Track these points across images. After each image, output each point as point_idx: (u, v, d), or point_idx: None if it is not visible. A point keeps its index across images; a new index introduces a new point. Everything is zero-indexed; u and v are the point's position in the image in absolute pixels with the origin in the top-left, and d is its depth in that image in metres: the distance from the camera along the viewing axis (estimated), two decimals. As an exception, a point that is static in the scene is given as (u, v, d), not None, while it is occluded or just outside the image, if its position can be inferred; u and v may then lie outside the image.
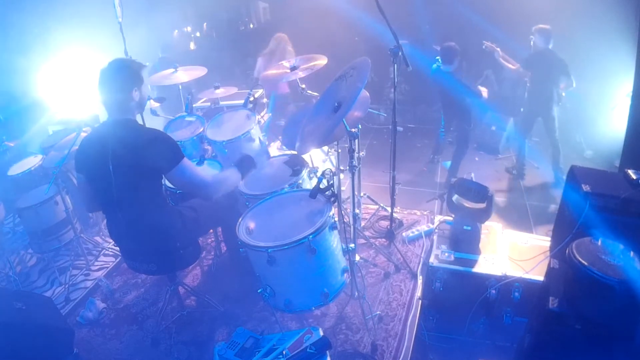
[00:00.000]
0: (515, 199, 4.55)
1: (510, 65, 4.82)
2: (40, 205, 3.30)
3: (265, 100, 4.98)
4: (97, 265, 3.66)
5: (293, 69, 3.36)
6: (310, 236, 2.13)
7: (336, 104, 2.30)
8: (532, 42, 4.71)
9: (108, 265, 3.64)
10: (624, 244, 1.98)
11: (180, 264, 2.67)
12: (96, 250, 3.84)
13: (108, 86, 2.21)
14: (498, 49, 4.86)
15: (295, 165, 2.83)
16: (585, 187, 2.28)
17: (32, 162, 3.80)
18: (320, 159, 3.56)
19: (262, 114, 4.86)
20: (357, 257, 2.96)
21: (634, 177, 2.32)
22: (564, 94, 4.58)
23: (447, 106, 4.92)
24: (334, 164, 3.28)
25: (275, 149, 3.81)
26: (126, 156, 2.17)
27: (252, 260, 2.31)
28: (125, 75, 2.24)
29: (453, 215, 3.05)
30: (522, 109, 5.40)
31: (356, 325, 2.81)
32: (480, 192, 2.89)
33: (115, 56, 2.34)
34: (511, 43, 4.93)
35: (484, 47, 4.94)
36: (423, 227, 3.71)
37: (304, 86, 3.39)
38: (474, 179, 3.04)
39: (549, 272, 2.29)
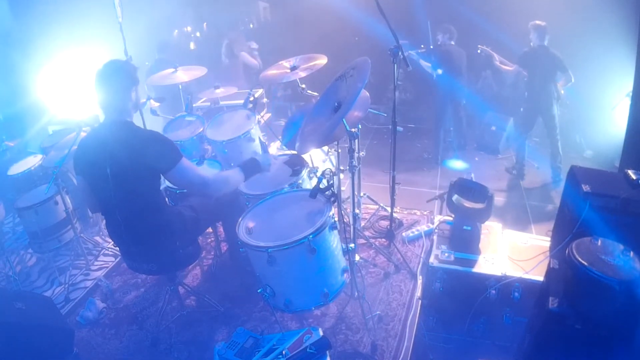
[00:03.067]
0: (515, 199, 4.55)
1: (507, 68, 4.77)
2: (40, 205, 3.30)
3: (265, 100, 4.98)
4: (96, 265, 3.66)
5: (293, 69, 3.36)
6: (310, 236, 2.13)
7: (336, 104, 2.30)
8: (531, 43, 4.70)
9: (108, 265, 3.64)
10: (624, 244, 1.98)
11: (180, 264, 2.68)
12: (96, 250, 3.84)
13: (105, 88, 2.22)
14: (494, 54, 4.82)
15: (295, 165, 2.83)
16: (585, 187, 2.28)
17: (32, 162, 3.80)
18: (320, 159, 3.56)
19: (262, 113, 4.87)
20: (357, 257, 2.96)
21: (634, 177, 2.32)
22: (562, 92, 4.55)
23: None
24: (334, 164, 3.28)
25: (275, 149, 3.81)
26: (124, 158, 2.17)
27: (252, 260, 2.31)
28: (121, 76, 2.24)
29: (453, 215, 3.05)
30: (521, 109, 5.40)
31: (356, 325, 2.81)
32: (480, 192, 2.89)
33: (115, 56, 2.35)
34: (512, 43, 4.92)
35: (479, 51, 4.90)
36: (423, 227, 3.71)
37: (304, 86, 3.39)
38: (474, 179, 3.04)
39: (549, 272, 2.29)
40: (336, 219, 2.34)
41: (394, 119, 3.09)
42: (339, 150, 3.07)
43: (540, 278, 2.48)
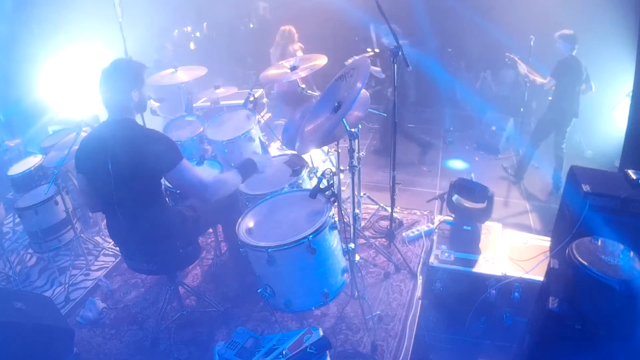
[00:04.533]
0: (516, 199, 4.55)
1: (541, 80, 4.55)
2: (40, 205, 3.30)
3: (265, 100, 4.98)
4: (97, 265, 3.66)
5: (293, 69, 3.36)
6: (310, 236, 2.12)
7: (336, 104, 2.30)
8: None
9: (108, 265, 3.64)
10: (624, 244, 1.98)
11: (180, 264, 2.68)
12: (96, 250, 3.84)
13: (109, 86, 2.22)
14: (522, 63, 4.66)
15: (295, 165, 2.83)
16: (585, 187, 2.28)
17: (32, 162, 3.80)
18: (320, 159, 3.56)
19: (262, 113, 4.86)
20: (357, 257, 2.96)
21: (634, 177, 2.33)
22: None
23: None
24: (334, 164, 3.28)
25: (275, 149, 3.81)
26: (126, 156, 2.17)
27: (252, 260, 2.31)
28: (125, 75, 2.24)
29: (453, 215, 3.05)
30: (521, 109, 5.39)
31: (356, 325, 2.81)
32: (480, 192, 2.89)
33: (115, 56, 2.34)
34: (511, 43, 4.92)
35: (507, 60, 4.77)
36: (423, 227, 3.72)
37: (304, 86, 3.39)
38: (474, 179, 3.04)
39: (549, 272, 2.29)
40: (336, 219, 2.34)
41: (394, 119, 3.09)
42: (339, 150, 3.08)
43: (540, 278, 2.48)
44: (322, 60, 3.35)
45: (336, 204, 2.29)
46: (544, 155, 4.92)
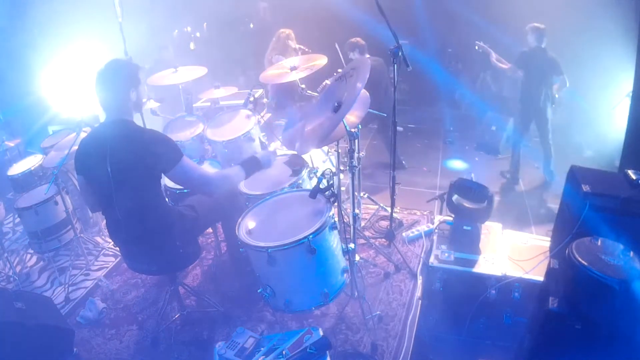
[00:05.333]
0: (515, 199, 4.55)
1: (502, 66, 4.67)
2: (40, 205, 3.30)
3: (265, 100, 4.97)
4: (97, 265, 3.66)
5: (293, 69, 3.36)
6: (310, 236, 2.13)
7: (336, 104, 2.30)
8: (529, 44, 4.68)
9: (108, 265, 3.64)
10: (624, 244, 1.98)
11: (180, 264, 2.68)
12: (96, 250, 3.84)
13: (105, 87, 2.22)
14: (491, 51, 4.73)
15: (295, 165, 2.83)
16: (585, 187, 2.28)
17: (32, 162, 3.80)
18: (320, 159, 3.55)
19: (262, 113, 4.86)
20: (357, 257, 2.96)
21: (634, 177, 2.33)
22: (557, 95, 4.49)
23: None
24: (334, 164, 3.28)
25: (275, 149, 3.81)
26: (124, 157, 2.18)
27: (252, 260, 2.31)
28: (122, 76, 2.24)
29: (453, 215, 3.05)
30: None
31: (356, 325, 2.81)
32: (480, 192, 2.89)
33: (115, 56, 2.35)
34: (510, 42, 4.92)
35: (476, 47, 4.82)
36: (423, 227, 3.71)
37: (304, 86, 3.39)
38: (474, 179, 3.04)
39: (549, 272, 2.29)
40: (336, 219, 2.34)
41: (394, 119, 3.09)
42: (339, 150, 3.07)
43: (540, 278, 2.48)
44: (322, 60, 3.35)
45: (336, 204, 2.29)
46: (543, 155, 4.92)
